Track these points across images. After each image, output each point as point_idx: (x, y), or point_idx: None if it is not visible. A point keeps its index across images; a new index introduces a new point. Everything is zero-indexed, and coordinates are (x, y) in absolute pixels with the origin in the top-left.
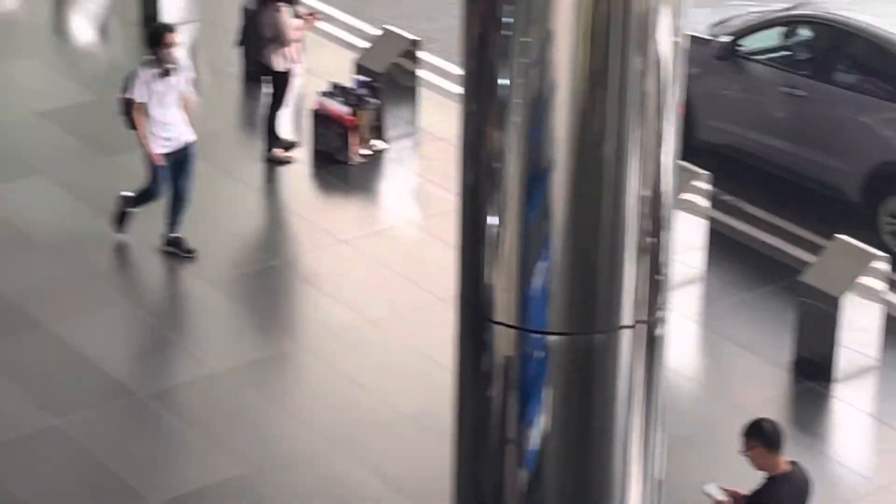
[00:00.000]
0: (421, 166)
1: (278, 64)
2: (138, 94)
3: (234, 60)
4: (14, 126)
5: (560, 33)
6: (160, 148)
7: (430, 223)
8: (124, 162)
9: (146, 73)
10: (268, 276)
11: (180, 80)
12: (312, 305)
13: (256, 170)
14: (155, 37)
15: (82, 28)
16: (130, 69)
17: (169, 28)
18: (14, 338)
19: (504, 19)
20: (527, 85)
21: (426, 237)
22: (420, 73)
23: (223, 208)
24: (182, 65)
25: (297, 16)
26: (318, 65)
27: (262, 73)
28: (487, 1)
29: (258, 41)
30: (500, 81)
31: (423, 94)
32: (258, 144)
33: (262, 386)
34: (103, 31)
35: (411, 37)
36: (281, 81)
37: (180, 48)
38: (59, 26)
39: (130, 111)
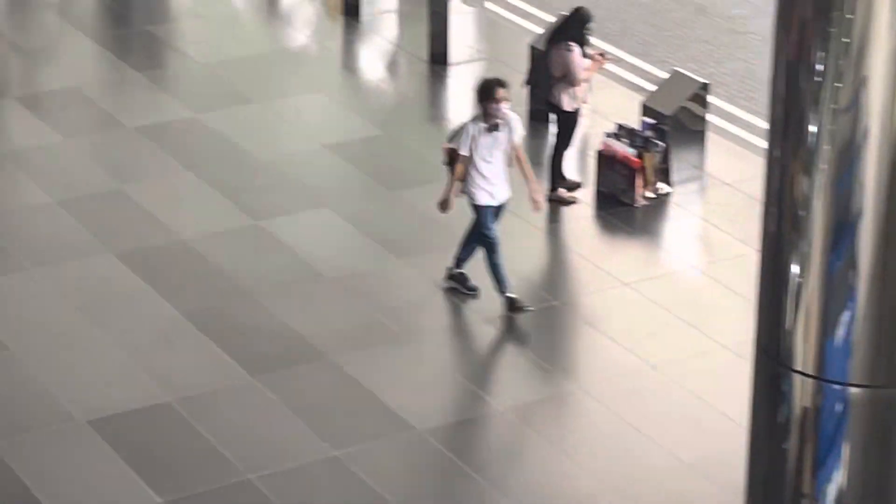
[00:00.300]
0: (706, 211)
1: (567, 103)
2: (464, 147)
3: (521, 99)
4: (302, 158)
5: (875, 78)
6: (485, 199)
7: (713, 269)
8: (410, 197)
9: (474, 127)
10: (549, 316)
11: (507, 136)
12: (593, 347)
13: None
14: (484, 91)
15: (371, 63)
16: (461, 122)
17: (500, 83)
18: (297, 369)
19: (816, 66)
20: (837, 131)
21: (709, 283)
22: (708, 117)
23: (505, 246)
24: (510, 120)
25: (587, 56)
26: (604, 106)
27: (550, 113)
28: (798, 48)
29: (547, 80)
30: (808, 128)
31: (711, 139)
32: (543, 184)
33: (540, 426)
34: (392, 67)
35: (700, 80)
36: (568, 121)
37: (509, 103)
38: (348, 61)
39: (454, 162)
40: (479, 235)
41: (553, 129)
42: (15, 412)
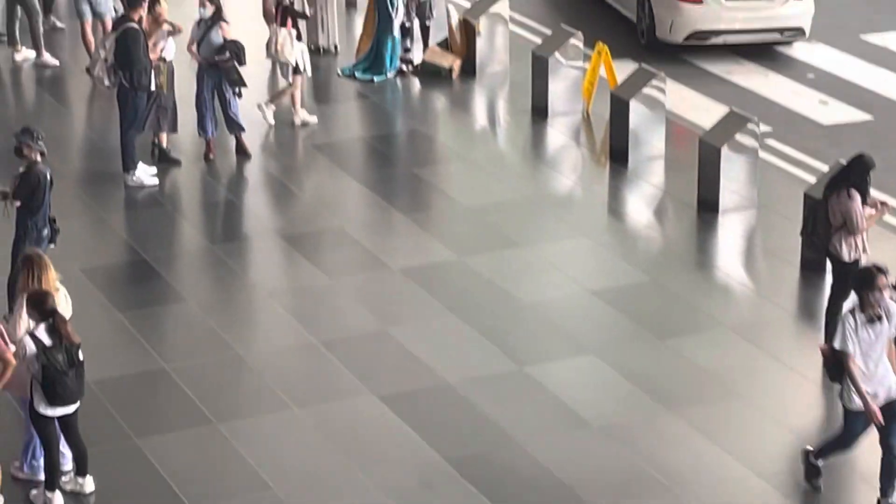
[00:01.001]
0: None
1: (846, 254)
2: (849, 344)
3: (794, 248)
4: (567, 303)
5: None
6: (859, 403)
7: None
8: (679, 346)
9: (854, 320)
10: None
11: (889, 328)
12: None
13: (813, 361)
14: (865, 279)
15: (638, 209)
16: (840, 316)
17: (881, 270)
18: None
19: None
20: None
21: None
22: None
23: (772, 398)
24: (892, 311)
25: (868, 204)
26: (881, 258)
27: (829, 263)
28: None
29: (825, 229)
30: None
31: None
32: (816, 335)
33: None
34: (659, 212)
35: None
36: (846, 272)
37: (891, 292)
38: (614, 206)
39: (833, 361)
40: (844, 438)
41: (830, 279)
42: None
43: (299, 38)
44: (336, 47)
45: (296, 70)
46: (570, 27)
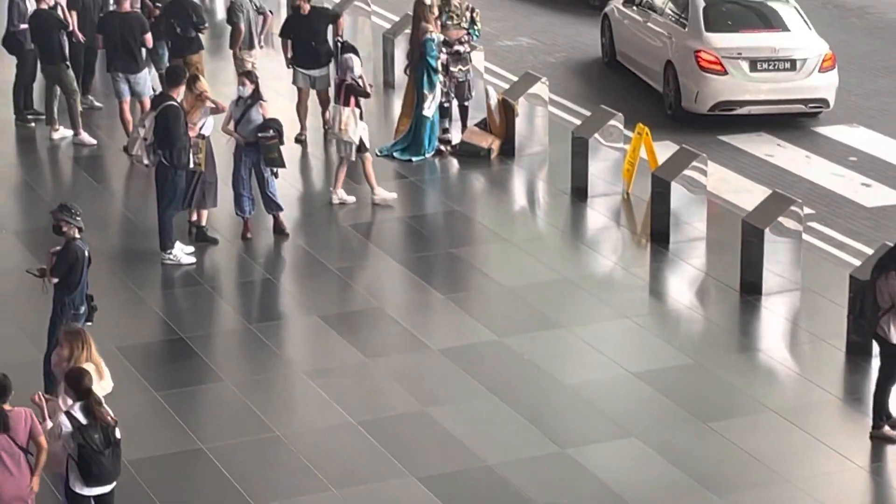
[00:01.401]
0: None
1: (894, 336)
2: None
3: (839, 331)
4: (609, 385)
5: None
6: None
7: None
8: (724, 429)
9: None
10: None
11: None
12: None
13: (861, 446)
14: None
15: (680, 290)
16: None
17: None
18: None
19: None
20: None
21: None
22: None
23: (818, 483)
24: None
25: None
26: None
27: (877, 345)
28: None
29: (873, 311)
30: None
31: None
32: (863, 420)
33: None
34: (701, 294)
35: None
36: (894, 354)
37: None
38: (656, 288)
39: None
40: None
41: (878, 362)
42: None
43: (361, 116)
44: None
45: (360, 148)
46: (609, 107)
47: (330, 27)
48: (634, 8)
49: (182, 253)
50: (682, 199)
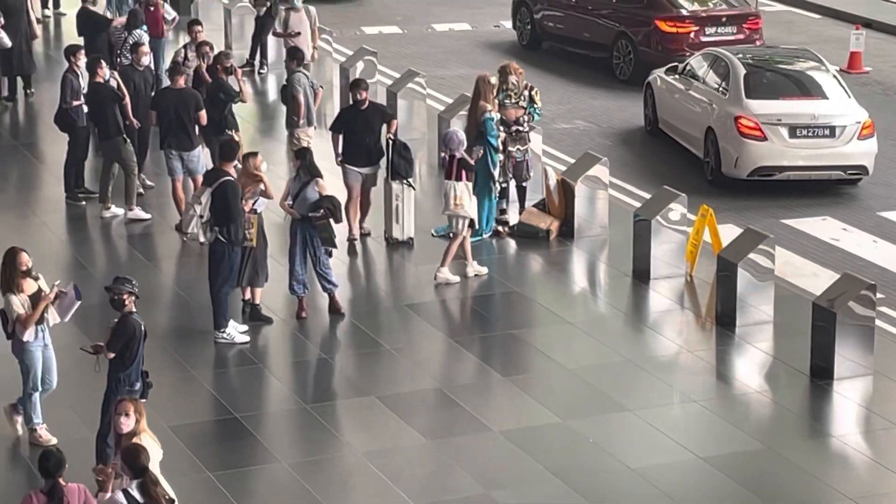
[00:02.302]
0: None
1: None
2: None
3: None
4: (676, 470)
5: None
6: None
7: None
8: None
9: None
10: None
11: None
12: None
13: None
14: None
15: (748, 373)
16: None
17: None
18: None
19: None
20: None
21: None
22: None
23: None
24: None
25: None
26: None
27: None
28: None
29: None
30: None
31: None
32: None
33: None
34: (770, 378)
35: None
36: None
37: None
38: (723, 371)
39: None
40: None
41: None
42: None
43: (474, 190)
44: (412, 240)
45: (471, 223)
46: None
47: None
48: (676, 76)
49: (236, 332)
50: (748, 282)
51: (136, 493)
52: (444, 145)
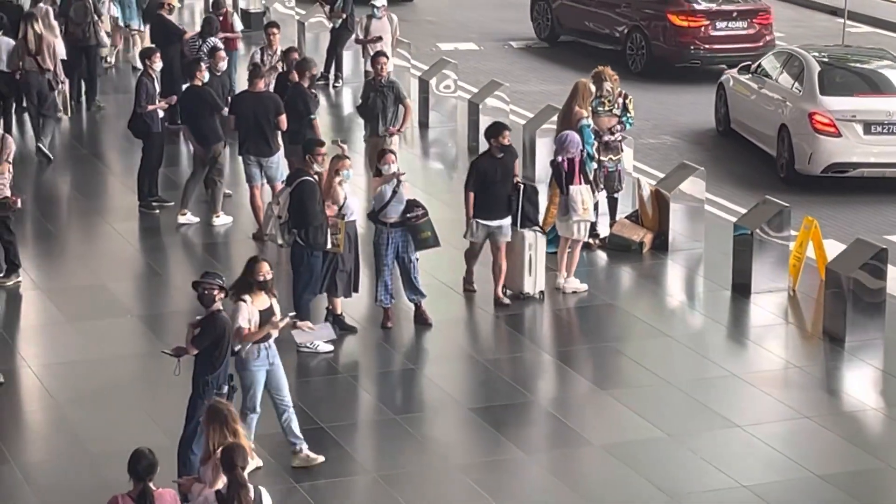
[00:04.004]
0: None
1: None
2: None
3: None
4: (793, 489)
5: None
6: None
7: None
8: None
9: None
10: None
11: None
12: None
13: None
14: None
15: (860, 389)
16: None
17: None
18: None
19: None
20: None
21: None
22: None
23: None
24: None
25: None
26: None
27: None
28: None
29: None
30: None
31: None
32: None
33: None
34: (886, 393)
35: None
36: None
37: None
38: (834, 386)
39: None
40: None
41: None
42: None
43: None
44: (542, 294)
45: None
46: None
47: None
48: (749, 76)
49: (319, 341)
50: (858, 296)
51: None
52: (560, 149)
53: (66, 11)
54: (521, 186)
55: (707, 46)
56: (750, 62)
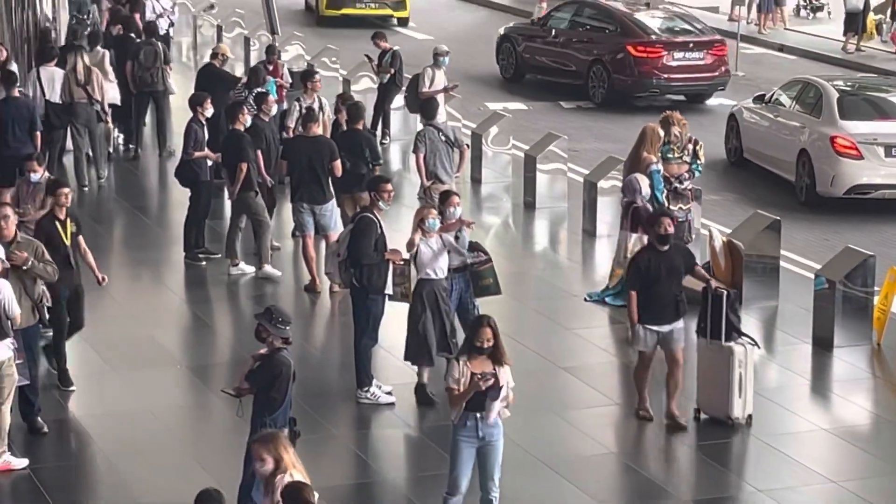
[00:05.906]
0: None
1: None
2: None
3: None
4: None
5: None
6: None
7: None
8: None
9: None
10: None
11: None
12: None
13: None
14: None
15: None
16: None
17: None
18: None
19: None
20: None
21: None
22: None
23: None
24: None
25: None
26: None
27: None
28: None
29: None
30: None
31: None
32: None
33: None
34: None
35: None
36: None
37: None
38: None
39: None
40: None
41: None
42: None
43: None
44: (751, 418)
45: None
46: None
47: None
48: (763, 105)
49: (380, 391)
50: None
51: None
52: (625, 192)
53: (137, 55)
54: (724, 293)
55: (666, 76)
56: (763, 93)
